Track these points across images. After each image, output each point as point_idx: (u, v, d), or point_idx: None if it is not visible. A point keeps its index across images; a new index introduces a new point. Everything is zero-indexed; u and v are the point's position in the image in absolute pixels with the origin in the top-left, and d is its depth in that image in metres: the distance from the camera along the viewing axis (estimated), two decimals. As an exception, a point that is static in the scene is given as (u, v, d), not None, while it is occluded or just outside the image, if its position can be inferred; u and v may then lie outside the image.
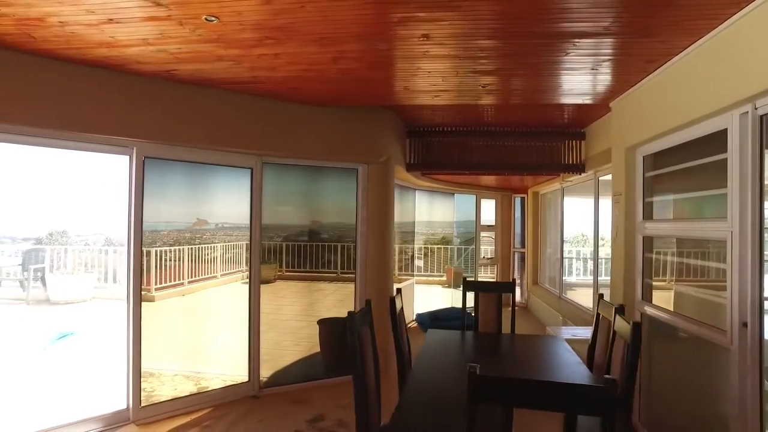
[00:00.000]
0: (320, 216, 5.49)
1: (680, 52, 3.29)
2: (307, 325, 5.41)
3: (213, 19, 2.85)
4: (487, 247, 9.39)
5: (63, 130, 3.63)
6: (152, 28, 3.02)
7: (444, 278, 10.85)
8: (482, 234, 9.10)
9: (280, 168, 4.98)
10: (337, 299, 5.67)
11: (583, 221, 7.28)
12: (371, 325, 2.97)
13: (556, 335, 4.78)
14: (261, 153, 4.69)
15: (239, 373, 4.74)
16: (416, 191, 8.09)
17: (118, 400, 4.08)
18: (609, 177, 5.67)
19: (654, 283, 4.07)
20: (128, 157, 4.01)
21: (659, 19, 2.81)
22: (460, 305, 8.40)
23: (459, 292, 5.92)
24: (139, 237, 4.03)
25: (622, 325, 2.71)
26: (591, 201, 6.48)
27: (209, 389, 4.54)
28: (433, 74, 3.89)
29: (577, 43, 3.20)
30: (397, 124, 5.73)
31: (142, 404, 4.07)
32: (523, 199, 9.25)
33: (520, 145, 6.26)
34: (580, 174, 6.09)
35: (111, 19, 2.88)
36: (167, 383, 4.98)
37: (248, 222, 4.79)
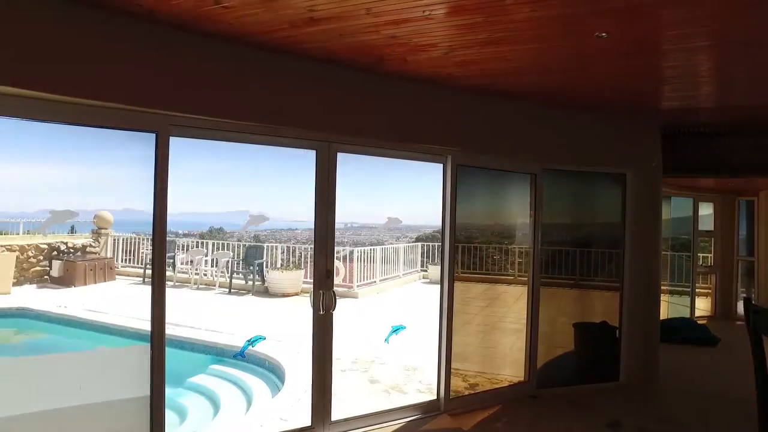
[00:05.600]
0: (581, 222, 5.50)
1: None
2: (555, 329, 5.40)
3: (603, 35, 2.96)
4: (701, 255, 8.75)
5: (397, 141, 4.03)
6: (520, 46, 3.22)
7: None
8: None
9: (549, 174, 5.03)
10: (591, 305, 5.62)
11: None
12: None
13: None
14: (542, 159, 4.79)
15: (503, 373, 4.89)
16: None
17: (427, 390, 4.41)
18: None
19: None
20: (442, 165, 4.32)
21: None
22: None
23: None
24: (453, 234, 4.31)
25: None
26: None
27: (495, 387, 4.73)
28: None
29: None
30: (658, 126, 5.52)
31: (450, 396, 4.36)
32: (749, 202, 8.46)
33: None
34: None
35: (501, 39, 3.12)
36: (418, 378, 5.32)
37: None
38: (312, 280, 3.81)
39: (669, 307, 8.16)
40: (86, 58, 2.75)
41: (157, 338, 3.13)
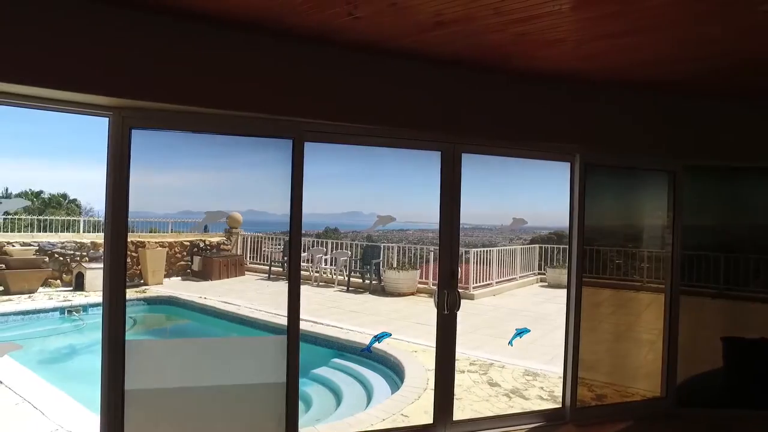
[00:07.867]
0: (727, 223, 4.92)
1: None
2: (695, 343, 4.87)
3: (767, 8, 2.64)
4: None
5: (523, 140, 3.94)
6: (660, 34, 2.98)
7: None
8: None
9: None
10: (741, 318, 4.99)
11: None
12: None
13: None
14: (682, 155, 4.38)
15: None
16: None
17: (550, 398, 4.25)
18: None
19: None
20: (569, 163, 4.14)
21: None
22: None
23: None
24: (581, 237, 4.12)
25: None
26: None
27: (626, 400, 4.42)
28: None
29: None
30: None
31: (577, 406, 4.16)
32: None
33: None
34: None
35: (637, 28, 2.92)
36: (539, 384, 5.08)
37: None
38: (427, 281, 3.87)
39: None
40: (240, 74, 3.09)
41: (293, 330, 3.37)
